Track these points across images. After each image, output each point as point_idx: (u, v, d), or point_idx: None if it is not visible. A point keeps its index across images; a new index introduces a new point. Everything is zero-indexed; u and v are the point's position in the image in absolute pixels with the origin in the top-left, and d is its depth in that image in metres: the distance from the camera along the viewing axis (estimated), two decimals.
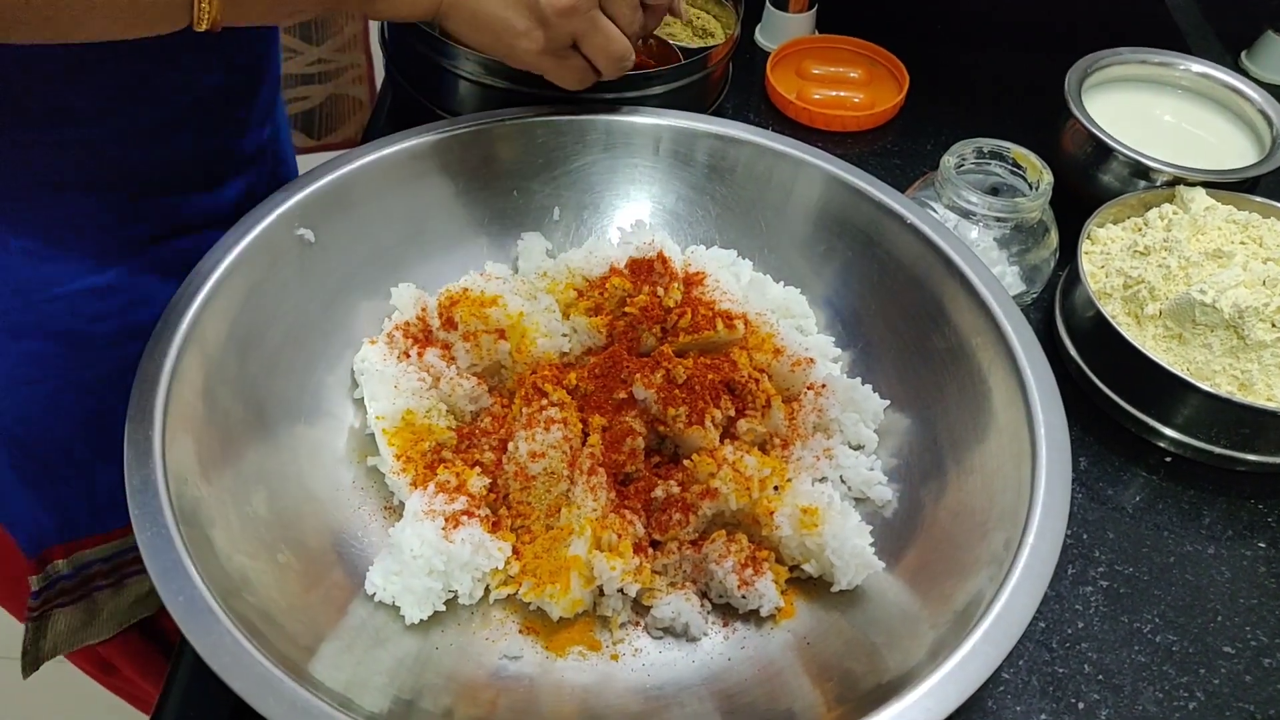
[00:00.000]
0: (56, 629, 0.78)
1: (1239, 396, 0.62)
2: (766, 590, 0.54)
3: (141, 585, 0.81)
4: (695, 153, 0.70)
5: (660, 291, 0.63)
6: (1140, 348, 0.64)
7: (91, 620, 0.80)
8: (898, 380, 0.63)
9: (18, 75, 0.56)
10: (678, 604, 0.54)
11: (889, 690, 0.45)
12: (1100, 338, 0.67)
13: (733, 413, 0.59)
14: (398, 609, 0.53)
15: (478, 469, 0.57)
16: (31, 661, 0.78)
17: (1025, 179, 0.71)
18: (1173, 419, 0.65)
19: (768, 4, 0.95)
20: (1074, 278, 0.69)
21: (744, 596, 0.54)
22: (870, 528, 0.55)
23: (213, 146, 0.68)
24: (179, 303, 0.55)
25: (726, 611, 0.55)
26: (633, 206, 0.72)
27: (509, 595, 0.55)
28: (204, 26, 0.51)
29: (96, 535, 0.76)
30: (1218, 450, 0.64)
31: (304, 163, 1.02)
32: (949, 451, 0.58)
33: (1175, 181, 0.75)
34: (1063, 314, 0.71)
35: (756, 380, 0.60)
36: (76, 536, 0.75)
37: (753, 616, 0.55)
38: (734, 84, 0.89)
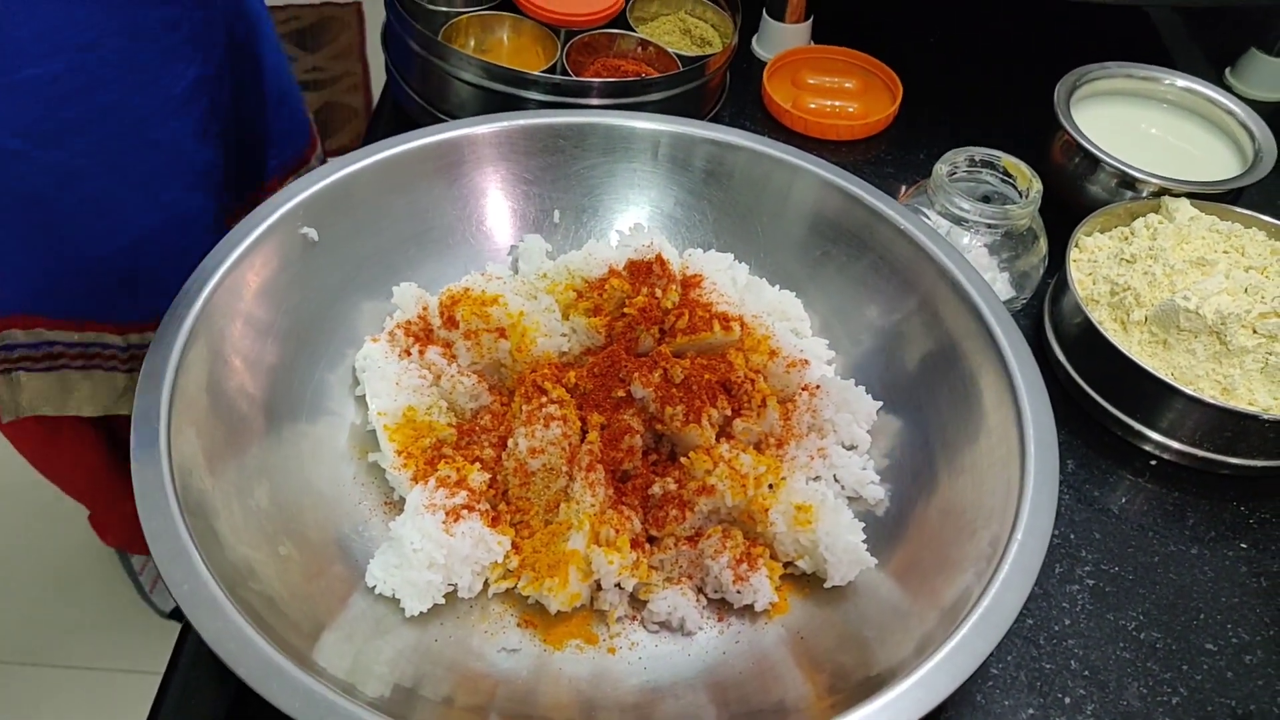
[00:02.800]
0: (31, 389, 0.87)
1: (1222, 401, 0.64)
2: (761, 586, 0.55)
3: (115, 380, 0.89)
4: (693, 158, 0.71)
5: (658, 293, 0.64)
6: (1126, 353, 0.65)
7: (69, 395, 0.88)
8: (890, 382, 0.64)
9: None
10: (674, 598, 0.55)
11: (879, 682, 0.46)
12: (1087, 343, 0.68)
13: (729, 412, 0.60)
14: (398, 601, 0.53)
15: (478, 465, 0.58)
16: (10, 409, 0.87)
17: (1015, 187, 0.73)
18: (1158, 423, 0.66)
19: (765, 14, 0.97)
20: (1062, 284, 0.71)
21: (739, 591, 0.55)
22: (863, 525, 0.56)
23: None
24: (184, 298, 0.56)
25: (721, 606, 0.56)
26: (632, 210, 0.73)
27: (508, 589, 0.55)
28: None
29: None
30: (1201, 453, 0.66)
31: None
32: (940, 452, 0.59)
33: (1161, 192, 0.76)
34: (1051, 320, 0.73)
35: (752, 381, 0.61)
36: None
37: (747, 611, 0.56)
38: (731, 93, 0.91)
